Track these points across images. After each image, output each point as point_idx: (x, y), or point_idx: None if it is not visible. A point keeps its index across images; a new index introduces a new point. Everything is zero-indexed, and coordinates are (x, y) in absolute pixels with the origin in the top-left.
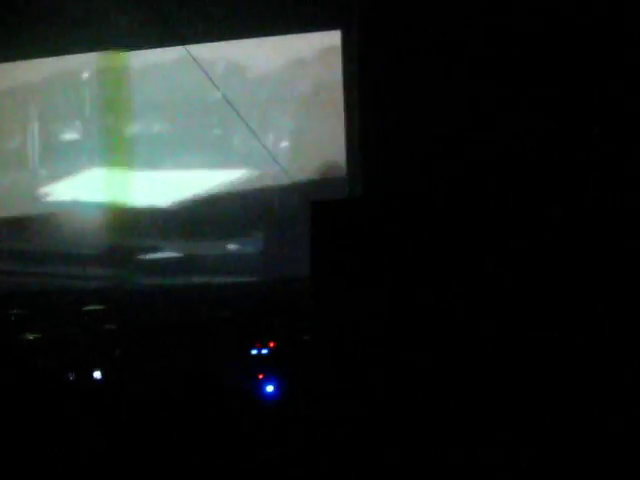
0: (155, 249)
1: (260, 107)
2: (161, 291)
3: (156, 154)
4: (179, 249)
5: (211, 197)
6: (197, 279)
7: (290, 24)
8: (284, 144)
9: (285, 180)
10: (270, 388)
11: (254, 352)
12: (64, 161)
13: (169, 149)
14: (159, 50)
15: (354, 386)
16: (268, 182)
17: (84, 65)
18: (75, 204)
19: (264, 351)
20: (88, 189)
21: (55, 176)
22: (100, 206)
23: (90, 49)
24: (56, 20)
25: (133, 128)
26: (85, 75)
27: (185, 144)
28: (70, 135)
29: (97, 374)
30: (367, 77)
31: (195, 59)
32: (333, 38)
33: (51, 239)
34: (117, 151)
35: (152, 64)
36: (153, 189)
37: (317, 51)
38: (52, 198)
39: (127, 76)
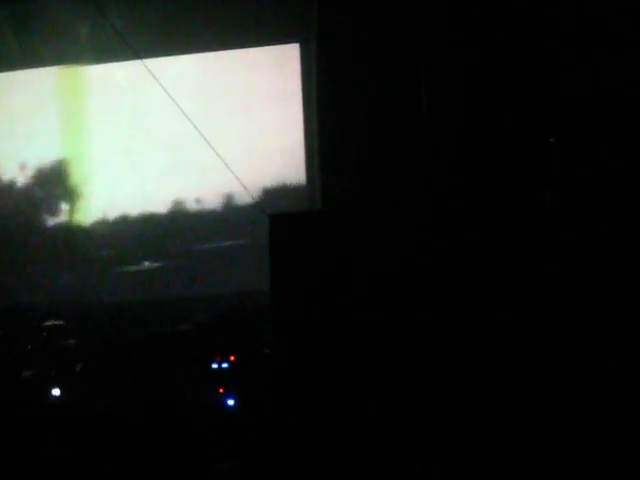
0: (116, 264)
1: (217, 121)
2: (121, 305)
3: (112, 170)
4: (140, 264)
5: (170, 213)
6: (157, 294)
7: (249, 37)
8: (243, 159)
9: (244, 195)
10: (231, 402)
11: (215, 366)
12: (24, 175)
13: (127, 163)
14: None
15: (313, 398)
16: (227, 197)
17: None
18: (36, 218)
19: (225, 365)
20: (48, 203)
21: (16, 189)
22: (61, 222)
23: (51, 64)
24: (18, 36)
25: (91, 141)
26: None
27: (143, 160)
28: (34, 147)
29: (56, 391)
30: (325, 91)
31: (153, 74)
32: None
33: (10, 253)
34: (76, 166)
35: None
36: (113, 204)
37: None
38: (12, 211)
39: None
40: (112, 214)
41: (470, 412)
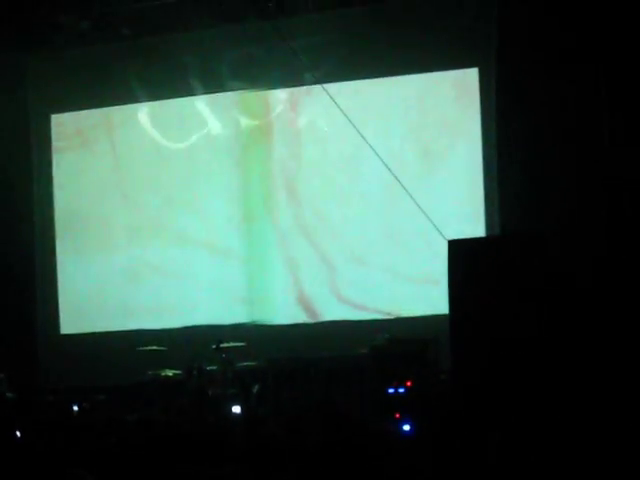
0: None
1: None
2: (298, 329)
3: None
4: (317, 285)
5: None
6: (333, 317)
7: (428, 62)
8: (421, 185)
9: (423, 218)
10: (407, 427)
11: (391, 391)
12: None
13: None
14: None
15: (493, 425)
16: (405, 221)
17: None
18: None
19: (401, 390)
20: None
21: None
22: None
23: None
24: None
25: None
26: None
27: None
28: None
29: (236, 408)
30: (505, 116)
31: (332, 97)
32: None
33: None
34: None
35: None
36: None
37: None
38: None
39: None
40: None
41: None
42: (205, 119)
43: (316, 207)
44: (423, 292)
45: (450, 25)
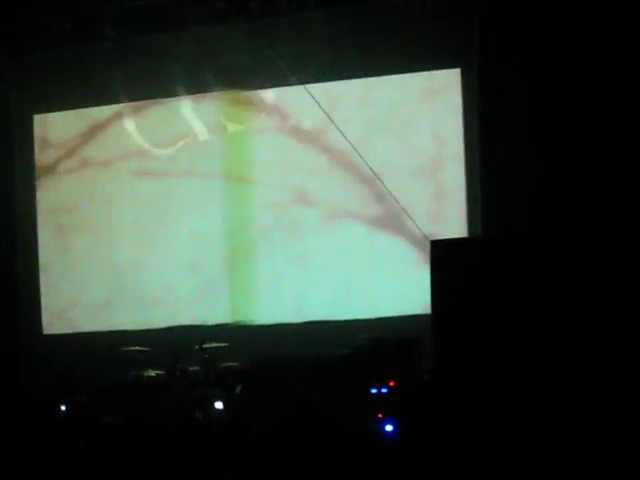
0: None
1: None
2: (281, 329)
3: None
4: (298, 286)
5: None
6: (315, 317)
7: (411, 63)
8: (404, 185)
9: (405, 219)
10: (389, 427)
11: (374, 391)
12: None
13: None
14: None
15: (476, 426)
16: (387, 220)
17: None
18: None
19: (384, 390)
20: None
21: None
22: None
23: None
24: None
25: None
26: None
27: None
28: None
29: (218, 404)
30: (487, 115)
31: (315, 99)
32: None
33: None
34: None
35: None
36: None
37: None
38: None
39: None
40: None
41: None
42: (190, 124)
43: (300, 207)
44: (405, 292)
45: (432, 25)
